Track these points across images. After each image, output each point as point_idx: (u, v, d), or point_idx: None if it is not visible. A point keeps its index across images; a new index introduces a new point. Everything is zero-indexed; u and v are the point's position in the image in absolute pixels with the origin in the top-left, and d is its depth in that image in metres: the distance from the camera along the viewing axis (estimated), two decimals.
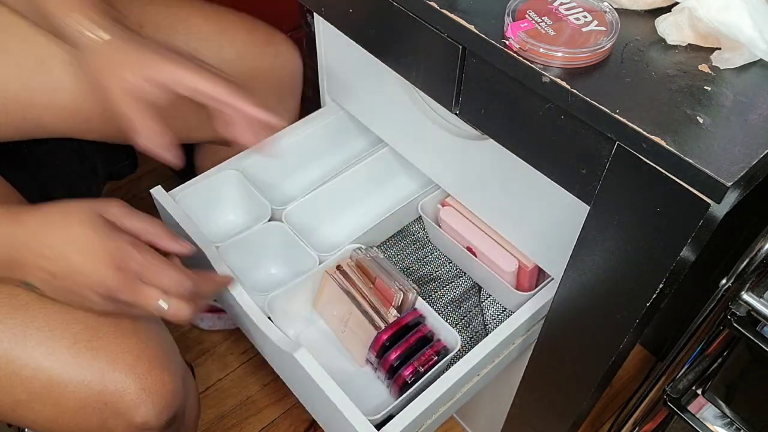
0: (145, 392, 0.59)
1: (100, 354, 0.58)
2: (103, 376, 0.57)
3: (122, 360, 0.58)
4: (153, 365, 0.60)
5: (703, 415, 0.75)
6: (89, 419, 0.58)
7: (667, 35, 0.50)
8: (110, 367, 0.58)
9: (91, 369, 0.57)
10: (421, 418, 0.67)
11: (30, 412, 0.58)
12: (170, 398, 0.61)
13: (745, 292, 0.61)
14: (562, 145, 0.52)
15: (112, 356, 0.58)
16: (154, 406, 0.60)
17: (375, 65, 0.70)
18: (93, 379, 0.57)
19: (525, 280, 0.79)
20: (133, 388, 0.58)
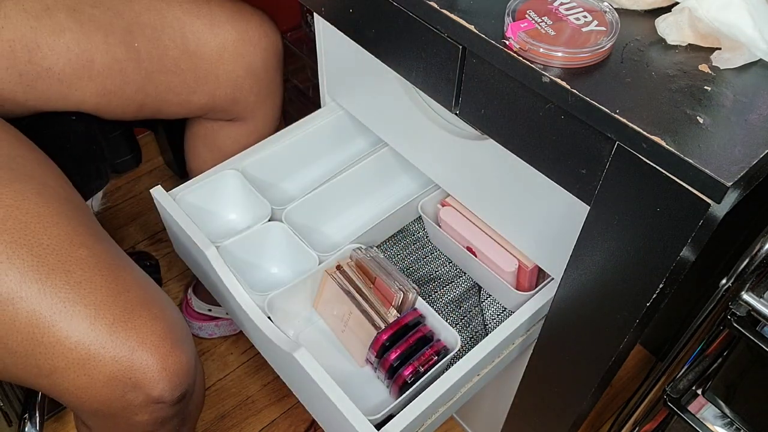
0: (165, 370, 0.64)
1: (133, 334, 0.63)
2: (132, 353, 0.63)
3: (150, 341, 0.64)
4: (174, 346, 0.66)
5: (703, 415, 0.74)
6: (114, 391, 0.63)
7: (667, 35, 0.50)
8: (140, 346, 0.63)
9: (123, 346, 0.62)
10: (421, 418, 0.67)
11: (64, 380, 0.63)
12: (184, 377, 0.67)
13: (745, 292, 0.61)
14: (562, 145, 0.52)
15: (143, 336, 0.64)
16: (170, 382, 0.65)
17: (375, 65, 0.70)
18: (124, 356, 0.62)
19: (525, 280, 0.79)
20: (155, 367, 0.64)
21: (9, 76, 0.76)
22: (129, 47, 0.82)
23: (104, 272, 0.65)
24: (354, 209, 0.93)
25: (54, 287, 0.62)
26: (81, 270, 0.63)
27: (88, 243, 0.66)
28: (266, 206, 0.84)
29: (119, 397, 0.64)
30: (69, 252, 0.64)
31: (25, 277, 0.61)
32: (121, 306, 0.64)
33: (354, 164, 0.89)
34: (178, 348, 0.66)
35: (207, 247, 0.77)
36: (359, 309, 0.76)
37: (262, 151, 0.90)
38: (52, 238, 0.63)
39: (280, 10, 1.15)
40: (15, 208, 0.63)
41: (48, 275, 0.62)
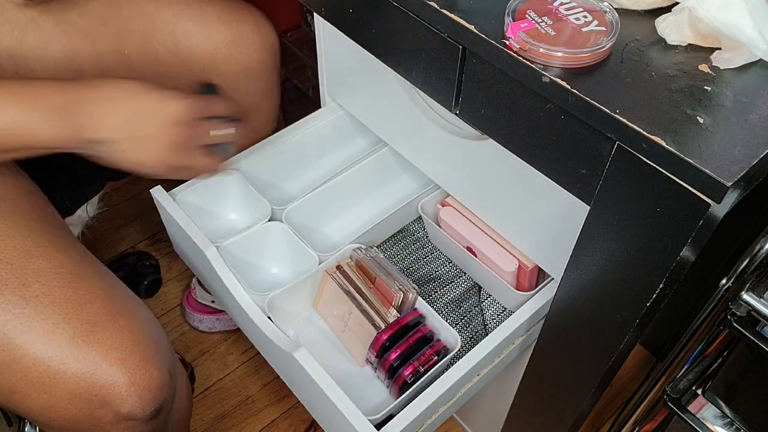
0: (134, 386, 0.62)
1: (96, 348, 0.61)
2: (96, 368, 0.60)
3: (115, 354, 0.61)
4: (143, 360, 0.63)
5: (703, 415, 0.74)
6: (80, 409, 0.61)
7: (667, 35, 0.50)
8: (104, 360, 0.60)
9: (86, 361, 0.60)
10: (421, 418, 0.67)
11: (25, 399, 0.60)
12: (156, 392, 0.64)
13: (745, 292, 0.61)
14: (562, 145, 0.52)
15: (107, 350, 0.61)
16: (141, 398, 0.62)
17: (375, 65, 0.70)
18: (87, 371, 0.60)
19: (525, 280, 0.79)
20: (122, 382, 0.61)
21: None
22: (119, 55, 0.80)
23: (65, 284, 0.62)
24: (354, 209, 0.93)
25: (8, 303, 0.59)
26: (38, 283, 0.61)
27: (47, 254, 0.63)
28: (266, 206, 0.84)
29: (87, 415, 0.61)
30: (25, 264, 0.61)
31: None
32: (83, 319, 0.61)
33: (354, 164, 0.89)
34: (148, 361, 0.63)
35: (207, 247, 0.77)
36: (359, 309, 0.76)
37: (262, 151, 0.90)
38: (6, 252, 0.61)
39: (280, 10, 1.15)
40: None
41: (1, 290, 0.59)
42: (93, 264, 0.68)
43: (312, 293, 0.81)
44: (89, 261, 0.68)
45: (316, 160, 0.96)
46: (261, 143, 0.90)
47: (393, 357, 0.73)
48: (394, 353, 0.73)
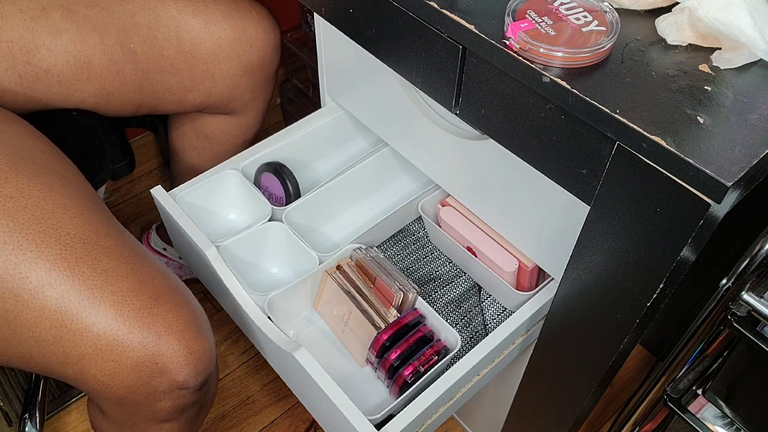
0: (190, 356, 0.66)
1: (159, 320, 0.64)
2: (159, 339, 0.64)
3: (176, 327, 0.65)
4: (198, 333, 0.67)
5: (703, 415, 0.74)
6: (141, 376, 0.64)
7: (667, 35, 0.50)
8: (166, 332, 0.64)
9: (150, 332, 0.64)
10: (421, 418, 0.67)
11: (92, 366, 0.63)
12: (207, 363, 0.68)
13: (745, 292, 0.61)
14: (562, 145, 0.52)
15: (169, 323, 0.65)
16: (195, 368, 0.66)
17: (375, 65, 0.70)
18: (151, 341, 0.64)
19: (525, 280, 0.79)
20: (181, 352, 0.65)
21: (9, 77, 0.76)
22: (125, 48, 0.82)
23: (129, 261, 0.66)
24: (354, 209, 0.93)
25: (82, 275, 0.62)
26: (107, 258, 0.65)
27: (111, 233, 0.67)
28: (266, 206, 0.84)
29: (145, 383, 0.65)
30: (95, 241, 0.65)
31: (54, 266, 0.62)
32: (147, 293, 0.65)
33: (354, 164, 0.89)
34: (202, 334, 0.67)
35: (207, 247, 0.77)
36: (359, 309, 0.76)
37: (262, 150, 0.90)
38: (78, 228, 0.65)
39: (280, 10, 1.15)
40: (42, 199, 0.64)
41: (76, 263, 0.63)
42: (142, 246, 0.72)
43: (312, 293, 0.81)
44: (138, 243, 0.72)
45: (316, 160, 0.96)
46: (261, 143, 0.90)
47: (393, 357, 0.73)
48: (394, 353, 0.73)
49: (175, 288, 0.68)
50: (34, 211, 0.63)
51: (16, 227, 0.61)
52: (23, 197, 0.63)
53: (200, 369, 0.67)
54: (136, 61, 0.83)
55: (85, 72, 0.80)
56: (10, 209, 0.61)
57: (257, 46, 0.89)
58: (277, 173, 0.87)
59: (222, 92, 0.91)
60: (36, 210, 0.63)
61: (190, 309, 0.68)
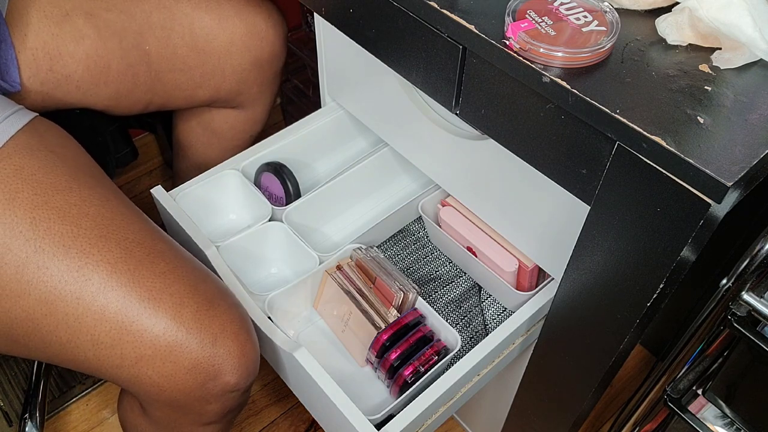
0: (243, 358, 0.66)
1: (216, 322, 0.65)
2: (215, 340, 0.64)
3: (231, 329, 0.66)
4: (249, 335, 0.68)
5: (703, 416, 0.74)
6: (196, 378, 0.65)
7: (667, 35, 0.50)
8: (222, 333, 0.65)
9: (207, 334, 0.64)
10: (421, 418, 0.67)
11: (149, 368, 0.64)
12: (256, 365, 0.69)
13: (745, 292, 0.61)
14: (563, 145, 0.52)
15: (224, 325, 0.65)
16: (246, 371, 0.67)
17: (375, 65, 0.70)
18: (208, 343, 0.64)
19: (525, 280, 0.79)
20: (236, 353, 0.66)
21: (31, 84, 0.76)
22: (141, 51, 0.83)
23: (183, 264, 0.67)
24: (354, 209, 0.93)
25: (142, 277, 0.63)
26: (164, 262, 0.66)
27: (164, 238, 0.69)
28: (266, 206, 0.84)
29: (200, 386, 0.65)
30: (152, 245, 0.66)
31: (116, 268, 0.63)
32: (202, 295, 0.66)
33: (354, 164, 0.89)
34: (252, 337, 0.68)
35: (207, 247, 0.77)
36: (359, 309, 0.76)
37: (262, 150, 0.90)
38: (136, 233, 0.66)
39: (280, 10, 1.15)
40: (102, 207, 0.65)
41: (136, 266, 0.64)
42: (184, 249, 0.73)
43: (312, 293, 0.81)
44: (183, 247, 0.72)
45: (316, 160, 0.96)
46: (261, 143, 0.90)
47: (393, 357, 0.73)
48: (395, 353, 0.73)
49: (225, 290, 0.70)
50: (95, 217, 0.64)
51: (80, 233, 0.62)
52: (86, 205, 0.64)
53: (251, 371, 0.68)
54: (150, 63, 0.84)
55: (104, 76, 0.81)
56: (74, 216, 0.63)
57: (267, 41, 0.90)
58: (277, 173, 0.87)
59: (231, 87, 0.91)
60: (97, 217, 0.64)
61: (241, 311, 0.69)
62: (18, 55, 0.75)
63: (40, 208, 0.62)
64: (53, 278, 0.61)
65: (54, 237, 0.61)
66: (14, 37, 0.74)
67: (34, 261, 0.61)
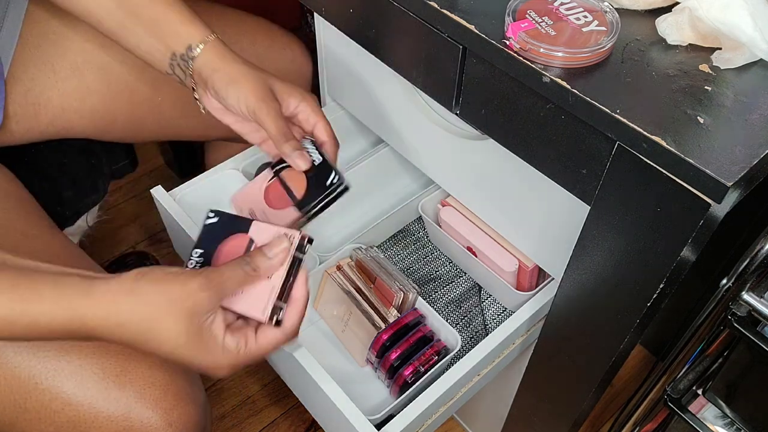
0: (171, 427, 0.58)
1: (128, 388, 0.57)
2: (129, 410, 0.57)
3: (150, 394, 0.57)
4: (179, 398, 0.59)
5: (703, 416, 0.74)
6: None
7: (667, 35, 0.50)
8: (137, 401, 0.57)
9: (118, 403, 0.56)
10: (421, 418, 0.67)
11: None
12: (193, 429, 0.61)
13: (745, 292, 0.61)
14: (563, 145, 0.52)
15: (140, 390, 0.57)
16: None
17: (375, 65, 0.70)
18: (120, 414, 0.56)
19: (525, 280, 0.79)
20: (159, 423, 0.57)
21: (29, 135, 0.75)
22: (152, 103, 0.80)
23: None
24: (354, 209, 0.93)
25: (32, 345, 0.56)
26: None
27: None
28: None
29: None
30: None
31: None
32: (113, 356, 0.57)
33: (354, 164, 0.89)
34: (183, 398, 0.59)
35: None
36: (359, 309, 0.76)
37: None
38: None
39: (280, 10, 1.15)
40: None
41: None
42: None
43: (312, 293, 0.81)
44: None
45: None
46: None
47: (393, 357, 0.73)
48: (395, 353, 0.73)
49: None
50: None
51: None
52: None
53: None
54: (161, 113, 0.82)
55: (108, 128, 0.79)
56: None
57: (302, 75, 0.90)
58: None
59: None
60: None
61: (168, 369, 0.59)
62: (18, 108, 0.71)
63: None
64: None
65: None
66: (16, 92, 0.71)
67: None
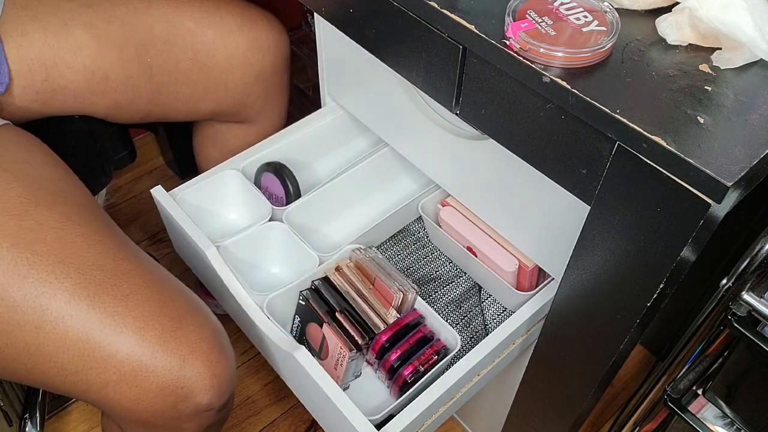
0: (216, 377, 0.65)
1: (183, 343, 0.63)
2: (184, 362, 0.63)
3: (200, 348, 0.64)
4: (222, 352, 0.66)
5: (703, 416, 0.74)
6: (166, 400, 0.63)
7: (667, 35, 0.50)
8: (191, 354, 0.63)
9: (174, 356, 0.63)
10: (421, 418, 0.67)
11: (116, 393, 0.63)
12: (231, 383, 0.67)
13: (745, 292, 0.61)
14: (563, 145, 0.52)
15: (193, 345, 0.64)
16: (219, 390, 0.66)
17: (375, 65, 0.70)
18: (175, 365, 0.62)
19: (525, 280, 0.79)
20: (207, 374, 0.64)
21: (25, 95, 0.76)
22: (142, 63, 0.82)
23: (149, 284, 0.65)
24: (354, 209, 0.93)
25: (103, 303, 0.62)
26: (127, 284, 0.64)
27: (129, 257, 0.67)
28: (266, 206, 0.84)
29: (170, 408, 0.64)
30: (114, 267, 0.64)
31: (74, 295, 0.61)
32: (168, 316, 0.64)
33: (354, 164, 0.89)
34: (225, 354, 0.66)
35: (207, 247, 0.77)
36: (359, 309, 0.76)
37: (262, 150, 0.90)
38: (96, 255, 0.64)
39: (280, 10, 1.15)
40: (61, 229, 0.64)
41: (96, 292, 0.62)
42: (159, 265, 0.71)
43: None
44: (155, 262, 0.71)
45: (316, 160, 0.96)
46: (261, 143, 0.90)
47: (393, 357, 0.73)
48: (395, 354, 0.73)
49: (196, 308, 0.67)
50: (53, 242, 0.62)
51: (36, 260, 0.61)
52: (42, 229, 0.63)
53: (224, 390, 0.66)
54: (151, 75, 0.83)
55: (101, 87, 0.80)
56: (29, 242, 0.61)
57: (269, 54, 0.90)
58: (278, 173, 0.87)
59: (234, 100, 0.91)
60: (55, 241, 0.63)
61: (212, 329, 0.67)
62: (12, 66, 0.74)
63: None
64: (9, 309, 0.60)
65: (8, 266, 0.60)
66: (9, 48, 0.73)
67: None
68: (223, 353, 0.66)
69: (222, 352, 0.66)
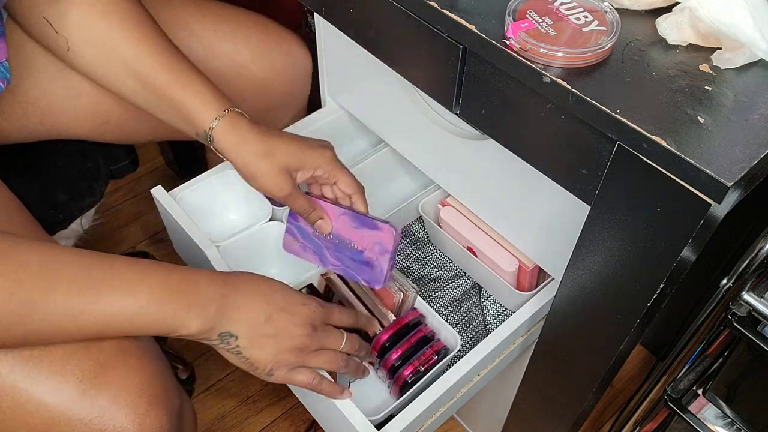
0: (143, 431, 0.58)
1: (104, 391, 0.57)
2: (103, 414, 0.57)
3: (124, 398, 0.57)
4: (152, 403, 0.59)
5: (703, 416, 0.74)
6: None
7: (667, 35, 0.50)
8: (112, 405, 0.57)
9: (92, 407, 0.56)
10: (421, 418, 0.67)
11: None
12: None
13: (745, 292, 0.61)
14: (563, 145, 0.52)
15: (116, 394, 0.57)
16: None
17: (375, 65, 0.70)
18: (94, 417, 0.56)
19: (525, 280, 0.79)
20: (131, 428, 0.57)
21: (19, 134, 0.74)
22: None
23: None
24: None
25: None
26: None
27: None
28: (266, 206, 0.84)
29: None
30: None
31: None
32: (92, 358, 0.57)
33: (354, 164, 0.89)
34: (158, 404, 0.59)
35: (207, 247, 0.77)
36: (359, 309, 0.76)
37: None
38: None
39: (281, 10, 1.15)
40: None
41: None
42: None
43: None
44: None
45: None
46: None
47: (394, 357, 0.73)
48: (395, 353, 0.73)
49: (128, 349, 0.59)
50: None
51: None
52: None
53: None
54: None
55: (101, 129, 0.78)
56: None
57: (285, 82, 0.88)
58: None
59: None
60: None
61: (144, 375, 0.59)
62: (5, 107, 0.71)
63: None
64: None
65: None
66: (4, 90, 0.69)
67: None
68: (155, 404, 0.58)
69: (153, 402, 0.58)
